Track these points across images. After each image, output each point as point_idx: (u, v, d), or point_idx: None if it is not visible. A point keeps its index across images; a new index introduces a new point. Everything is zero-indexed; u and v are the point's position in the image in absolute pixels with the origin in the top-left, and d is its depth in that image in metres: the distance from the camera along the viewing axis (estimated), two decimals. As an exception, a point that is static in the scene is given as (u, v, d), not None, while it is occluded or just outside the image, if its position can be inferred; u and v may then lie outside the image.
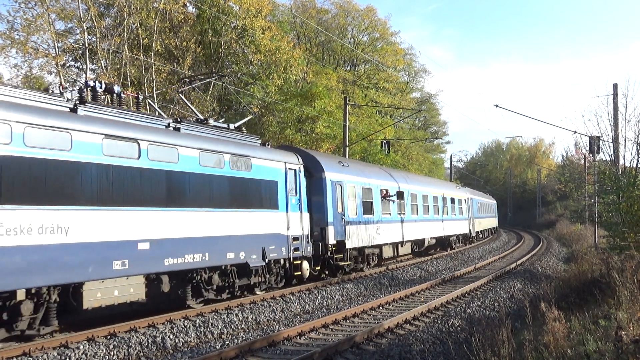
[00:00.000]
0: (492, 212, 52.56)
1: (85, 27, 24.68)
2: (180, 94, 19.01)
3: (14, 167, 8.78)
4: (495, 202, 57.05)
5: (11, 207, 8.67)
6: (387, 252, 22.43)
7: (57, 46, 25.79)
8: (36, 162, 9.10)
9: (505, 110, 26.48)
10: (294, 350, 9.95)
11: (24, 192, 8.90)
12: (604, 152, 26.83)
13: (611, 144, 25.15)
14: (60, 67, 25.33)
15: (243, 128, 15.85)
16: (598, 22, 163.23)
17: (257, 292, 14.81)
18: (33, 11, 24.73)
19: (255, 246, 14.02)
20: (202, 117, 14.97)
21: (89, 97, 11.57)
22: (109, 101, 12.21)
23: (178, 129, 12.62)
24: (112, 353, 9.49)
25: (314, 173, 17.38)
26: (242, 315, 12.42)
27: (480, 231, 42.89)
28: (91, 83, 11.73)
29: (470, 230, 36.95)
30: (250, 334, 11.41)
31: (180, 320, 11.58)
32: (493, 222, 52.37)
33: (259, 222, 14.27)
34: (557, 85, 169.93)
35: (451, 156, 67.03)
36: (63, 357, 9.02)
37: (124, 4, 25.57)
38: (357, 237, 18.94)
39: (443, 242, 31.07)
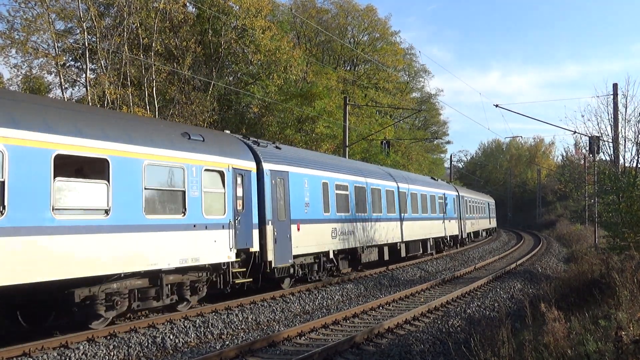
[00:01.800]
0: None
1: (85, 27, 24.67)
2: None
3: None
4: (442, 189, 31.57)
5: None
6: None
7: (57, 46, 25.81)
8: None
9: (506, 110, 26.44)
10: (294, 350, 9.94)
11: None
12: (604, 152, 26.86)
13: (611, 144, 25.17)
14: (60, 67, 25.34)
15: None
16: (598, 23, 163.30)
17: None
18: (33, 11, 24.77)
19: None
20: None
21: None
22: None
23: None
24: (112, 353, 9.48)
25: None
26: (242, 315, 12.41)
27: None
28: None
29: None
30: (250, 334, 11.41)
31: (180, 320, 11.57)
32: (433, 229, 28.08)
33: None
34: (557, 85, 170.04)
35: (451, 156, 67.04)
36: (63, 357, 9.01)
37: (124, 3, 25.56)
38: None
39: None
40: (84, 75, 25.98)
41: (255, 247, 14.20)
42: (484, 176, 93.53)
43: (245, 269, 13.92)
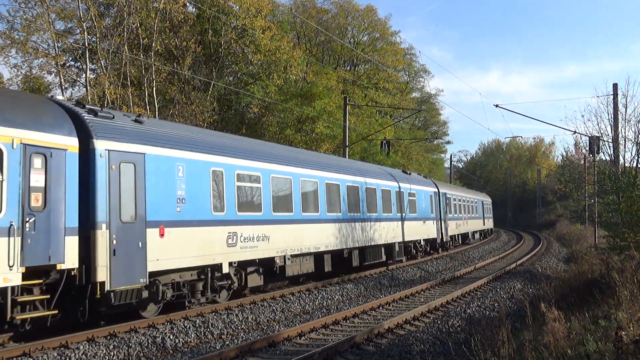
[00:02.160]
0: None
1: (85, 27, 24.68)
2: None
3: None
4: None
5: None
6: None
7: (57, 46, 25.79)
8: None
9: (506, 110, 26.46)
10: (294, 350, 9.95)
11: None
12: (604, 152, 26.92)
13: (611, 144, 25.21)
14: (60, 67, 25.33)
15: None
16: (598, 23, 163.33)
17: None
18: (33, 11, 24.77)
19: None
20: None
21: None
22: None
23: None
24: (112, 353, 9.48)
25: None
26: (242, 315, 12.42)
27: None
28: None
29: None
30: (250, 334, 11.41)
31: (180, 320, 11.58)
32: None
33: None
34: (557, 85, 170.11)
35: (451, 156, 67.06)
36: (63, 357, 9.02)
37: (124, 4, 25.56)
38: None
39: None
40: (84, 75, 25.98)
41: (70, 263, 9.59)
42: (484, 176, 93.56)
43: (49, 296, 9.43)
